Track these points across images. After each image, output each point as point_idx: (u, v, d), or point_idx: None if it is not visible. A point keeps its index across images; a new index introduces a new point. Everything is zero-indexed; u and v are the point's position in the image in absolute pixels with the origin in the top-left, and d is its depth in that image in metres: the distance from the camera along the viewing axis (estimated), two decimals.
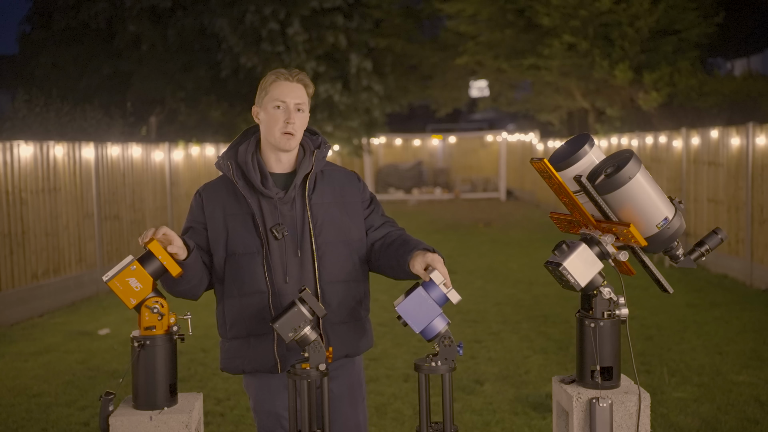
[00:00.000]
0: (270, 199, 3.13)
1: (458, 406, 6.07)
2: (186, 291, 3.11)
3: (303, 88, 3.18)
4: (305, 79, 3.19)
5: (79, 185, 11.23)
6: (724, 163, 11.93)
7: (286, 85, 3.15)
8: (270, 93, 3.15)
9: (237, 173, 3.16)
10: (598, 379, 2.89)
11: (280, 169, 3.21)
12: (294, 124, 3.13)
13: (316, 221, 3.15)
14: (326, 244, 3.15)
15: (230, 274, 3.15)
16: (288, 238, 3.12)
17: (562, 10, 19.35)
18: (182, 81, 23.15)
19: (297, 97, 3.15)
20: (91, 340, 8.59)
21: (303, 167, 3.18)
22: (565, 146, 2.94)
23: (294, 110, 3.14)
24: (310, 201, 3.16)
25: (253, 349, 3.13)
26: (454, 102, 30.88)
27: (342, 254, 3.17)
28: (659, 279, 2.98)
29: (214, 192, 3.23)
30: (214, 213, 3.18)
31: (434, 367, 2.85)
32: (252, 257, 3.11)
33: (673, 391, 6.32)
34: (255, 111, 3.21)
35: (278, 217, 3.13)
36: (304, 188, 3.17)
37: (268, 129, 3.15)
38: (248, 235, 3.12)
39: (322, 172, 3.26)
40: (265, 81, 3.18)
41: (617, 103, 21.07)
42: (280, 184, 3.18)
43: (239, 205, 3.16)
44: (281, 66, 21.82)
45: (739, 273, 11.27)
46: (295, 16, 21.84)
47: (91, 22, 22.72)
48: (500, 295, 10.57)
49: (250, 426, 5.79)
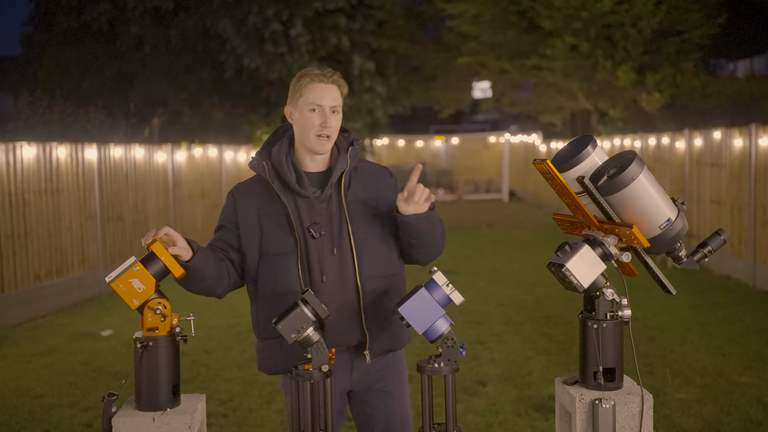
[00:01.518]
0: (306, 198, 3.13)
1: (461, 407, 6.06)
2: (202, 290, 3.11)
3: (338, 89, 3.15)
4: (339, 80, 3.16)
5: (82, 186, 11.24)
6: (726, 164, 11.92)
7: (321, 87, 3.11)
8: (305, 95, 3.11)
9: (272, 173, 3.15)
10: (600, 380, 2.89)
11: (315, 168, 3.19)
12: (330, 127, 3.11)
13: (354, 218, 3.14)
14: (364, 240, 3.14)
15: (264, 274, 3.14)
16: (324, 237, 3.11)
17: (564, 11, 19.35)
18: (185, 82, 23.18)
19: (332, 100, 3.12)
20: (94, 341, 8.60)
21: (339, 165, 3.16)
22: (568, 147, 2.94)
23: (329, 113, 3.11)
24: (347, 198, 3.16)
25: (286, 350, 3.11)
26: (456, 103, 30.90)
27: (380, 249, 3.17)
28: (662, 280, 2.98)
29: (248, 192, 3.22)
30: (248, 213, 3.17)
31: (437, 368, 2.85)
32: (286, 257, 3.10)
33: (676, 393, 6.32)
34: (288, 111, 3.18)
35: (315, 216, 3.12)
36: (340, 186, 3.17)
37: (303, 132, 3.13)
38: (283, 235, 3.12)
39: (356, 169, 3.25)
40: (300, 82, 3.14)
41: (620, 105, 21.06)
42: (315, 183, 3.17)
43: (274, 205, 3.15)
44: (284, 67, 21.87)
45: (742, 274, 11.26)
46: (298, 17, 21.85)
47: (94, 24, 22.74)
48: (503, 296, 10.56)
49: (252, 427, 5.79)
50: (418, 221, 3.06)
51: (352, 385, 3.23)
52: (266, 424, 5.83)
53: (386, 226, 3.20)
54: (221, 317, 9.52)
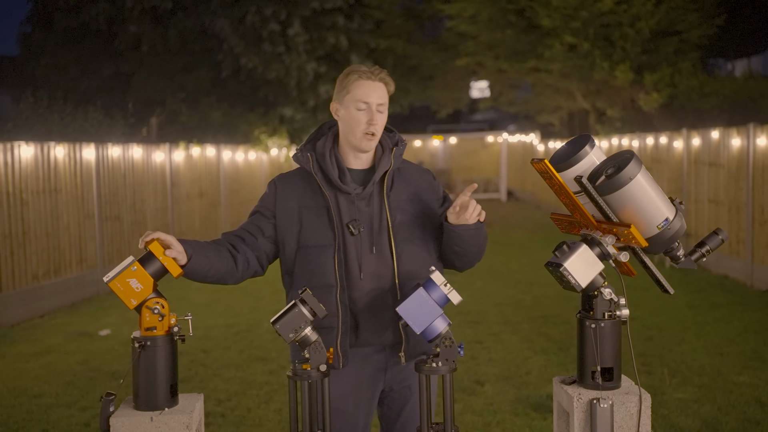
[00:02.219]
0: (347, 194, 3.13)
1: (459, 406, 6.06)
2: (212, 282, 3.12)
3: (384, 87, 3.14)
4: (387, 77, 3.15)
5: (79, 186, 11.24)
6: (724, 164, 11.93)
7: (368, 85, 3.11)
8: (352, 92, 3.11)
9: (315, 166, 3.15)
10: (598, 379, 2.89)
11: (358, 165, 3.20)
12: (376, 125, 3.11)
13: (395, 219, 3.15)
14: (405, 241, 3.14)
15: (300, 266, 3.13)
16: (363, 235, 3.11)
17: (562, 11, 19.35)
18: (183, 82, 23.18)
19: (379, 98, 3.12)
20: (92, 340, 8.59)
21: (382, 165, 3.16)
22: (566, 147, 2.94)
23: (376, 111, 3.11)
24: (389, 199, 3.16)
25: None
26: (454, 103, 30.89)
27: (420, 251, 3.16)
28: (660, 280, 2.98)
29: (290, 183, 3.22)
30: (288, 204, 3.17)
31: (435, 367, 2.85)
32: (323, 250, 3.10)
33: (674, 392, 6.32)
34: (334, 108, 3.18)
35: (355, 212, 3.12)
36: (382, 186, 3.17)
37: (349, 129, 3.13)
38: (322, 228, 3.12)
39: (399, 170, 3.25)
40: (347, 79, 3.14)
41: (618, 104, 21.07)
42: (357, 180, 3.17)
43: (315, 198, 3.15)
44: (282, 67, 21.90)
45: (740, 274, 11.27)
46: (296, 16, 21.87)
47: (92, 23, 22.76)
48: (501, 295, 10.57)
49: (250, 427, 5.79)
50: (467, 232, 3.08)
51: (385, 384, 3.23)
52: (264, 424, 5.83)
53: (427, 229, 3.21)
54: (219, 317, 9.52)
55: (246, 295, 10.74)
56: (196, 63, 23.17)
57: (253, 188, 19.13)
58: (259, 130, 20.92)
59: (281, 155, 21.47)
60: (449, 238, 3.12)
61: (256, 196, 19.20)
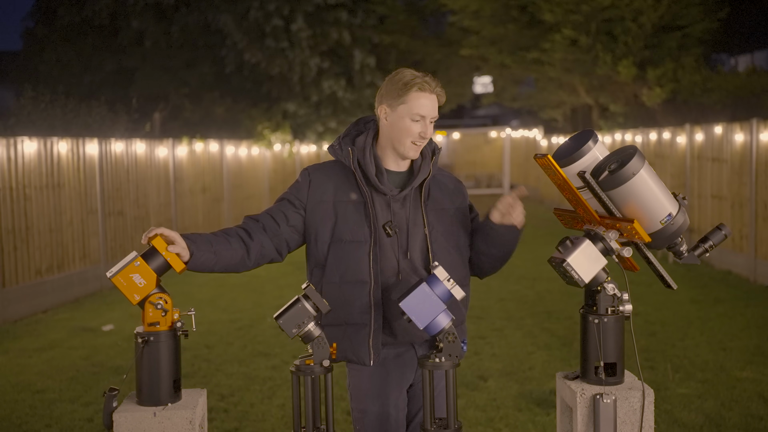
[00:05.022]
0: (383, 195, 3.13)
1: (462, 402, 6.07)
2: (221, 272, 3.11)
3: (437, 99, 3.14)
4: (441, 90, 3.14)
5: (83, 181, 11.24)
6: (728, 159, 11.91)
7: (425, 98, 3.08)
8: (409, 104, 3.07)
9: (355, 162, 3.14)
10: (601, 375, 2.89)
11: (395, 168, 3.19)
12: (427, 138, 3.12)
13: (433, 226, 3.16)
14: (440, 249, 3.15)
15: (333, 260, 3.12)
16: (400, 236, 3.12)
17: (564, 5, 19.32)
18: (186, 77, 23.17)
19: (433, 110, 3.12)
20: (95, 336, 8.60)
21: (422, 172, 3.17)
22: (569, 142, 2.94)
23: (429, 124, 3.12)
24: (426, 206, 3.17)
25: (348, 339, 3.11)
26: (458, 98, 30.89)
27: (453, 259, 3.18)
28: (663, 275, 2.98)
29: (325, 176, 3.20)
30: (323, 197, 3.16)
31: (438, 363, 2.85)
32: (359, 246, 3.10)
33: (677, 387, 6.32)
34: (383, 110, 3.13)
35: (388, 213, 3.12)
36: (419, 192, 3.17)
37: (398, 137, 3.11)
38: (359, 224, 3.11)
39: (434, 177, 3.26)
40: (406, 88, 3.08)
41: (621, 99, 21.04)
42: (393, 182, 3.17)
43: (352, 193, 3.15)
44: (285, 62, 21.87)
45: (743, 269, 11.26)
46: (299, 12, 21.85)
47: (95, 18, 22.75)
48: (504, 291, 10.56)
49: (253, 422, 5.80)
50: (511, 232, 3.11)
51: (414, 380, 3.25)
52: (267, 419, 5.84)
53: (461, 238, 3.23)
54: (222, 312, 9.53)
55: (249, 291, 10.74)
56: (200, 58, 23.16)
57: (255, 183, 19.13)
58: (262, 126, 20.91)
59: (284, 150, 21.47)
60: (490, 239, 3.16)
61: (259, 191, 19.20)
